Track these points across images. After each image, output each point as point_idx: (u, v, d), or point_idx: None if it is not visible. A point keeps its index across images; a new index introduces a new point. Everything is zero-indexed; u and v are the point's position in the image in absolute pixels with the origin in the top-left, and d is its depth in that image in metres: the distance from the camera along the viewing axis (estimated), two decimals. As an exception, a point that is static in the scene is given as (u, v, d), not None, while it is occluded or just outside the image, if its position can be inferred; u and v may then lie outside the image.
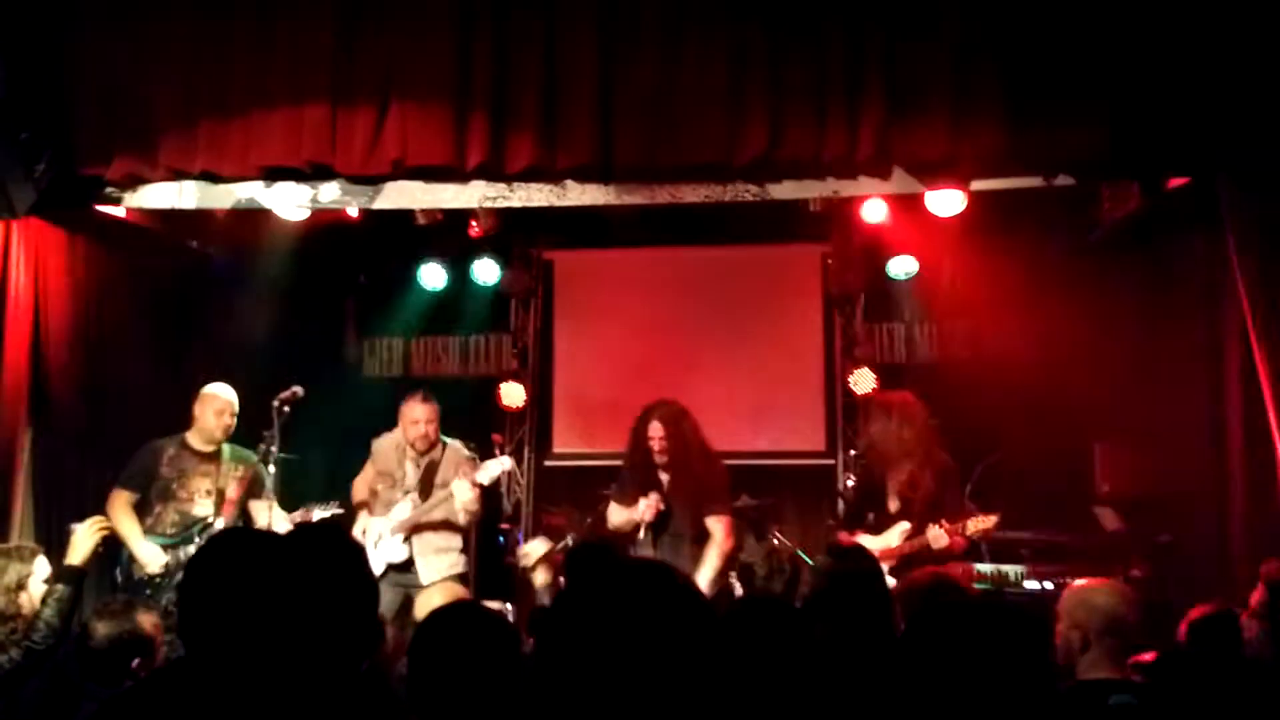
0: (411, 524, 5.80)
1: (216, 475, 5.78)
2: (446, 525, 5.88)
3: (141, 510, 5.64)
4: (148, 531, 5.59)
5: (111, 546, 5.68)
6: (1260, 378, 4.85)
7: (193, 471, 5.74)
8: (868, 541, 5.24)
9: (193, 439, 5.81)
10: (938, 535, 5.28)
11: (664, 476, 5.70)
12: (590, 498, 7.87)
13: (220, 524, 5.65)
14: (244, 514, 5.83)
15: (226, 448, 5.88)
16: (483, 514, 6.09)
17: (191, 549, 5.55)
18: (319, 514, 6.00)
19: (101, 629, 3.52)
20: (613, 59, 5.16)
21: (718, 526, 5.60)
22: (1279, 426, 4.76)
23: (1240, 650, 3.40)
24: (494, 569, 7.54)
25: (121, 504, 5.57)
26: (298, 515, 5.86)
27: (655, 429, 5.63)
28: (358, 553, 2.64)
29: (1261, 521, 5.24)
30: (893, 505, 5.52)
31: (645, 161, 5.22)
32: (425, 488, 5.88)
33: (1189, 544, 5.90)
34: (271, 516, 5.62)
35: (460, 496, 5.68)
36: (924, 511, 5.45)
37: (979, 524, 5.27)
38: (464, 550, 5.98)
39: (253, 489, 5.86)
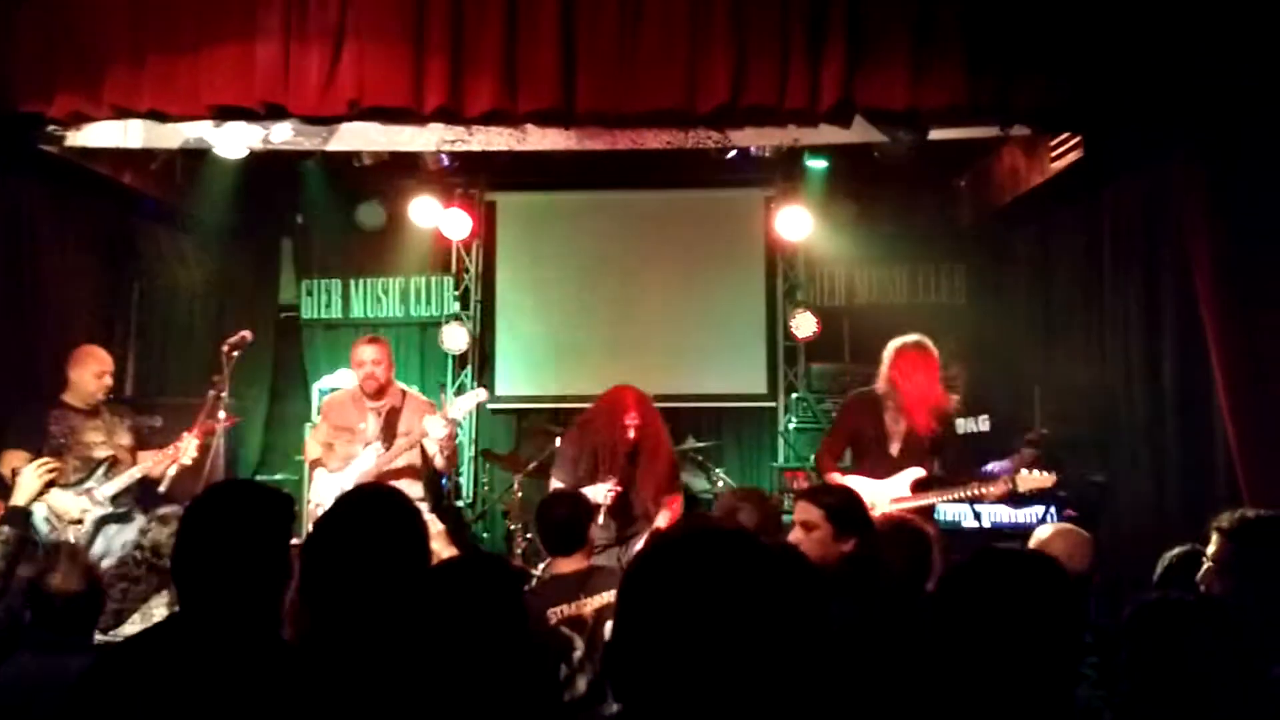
0: (375, 473, 5.63)
1: (104, 426, 5.71)
2: (410, 474, 5.76)
3: None
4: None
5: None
6: (1207, 334, 4.98)
7: (82, 427, 5.65)
8: (868, 484, 5.33)
9: (71, 399, 5.69)
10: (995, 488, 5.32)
11: (623, 460, 5.57)
12: (535, 442, 7.87)
13: (125, 465, 5.62)
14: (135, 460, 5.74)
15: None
16: (456, 457, 6.01)
17: (107, 487, 5.49)
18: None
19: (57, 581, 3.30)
20: (575, 2, 5.09)
21: (665, 514, 5.53)
22: (1224, 382, 4.90)
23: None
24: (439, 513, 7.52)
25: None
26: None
27: (633, 418, 5.52)
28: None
29: (1196, 466, 5.45)
30: (894, 448, 5.58)
31: (608, 107, 5.16)
32: (388, 437, 5.75)
33: (1126, 487, 6.11)
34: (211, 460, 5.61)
35: (435, 434, 5.57)
36: (931, 454, 5.54)
37: (1032, 480, 5.25)
38: (425, 500, 5.81)
39: (141, 435, 5.85)
